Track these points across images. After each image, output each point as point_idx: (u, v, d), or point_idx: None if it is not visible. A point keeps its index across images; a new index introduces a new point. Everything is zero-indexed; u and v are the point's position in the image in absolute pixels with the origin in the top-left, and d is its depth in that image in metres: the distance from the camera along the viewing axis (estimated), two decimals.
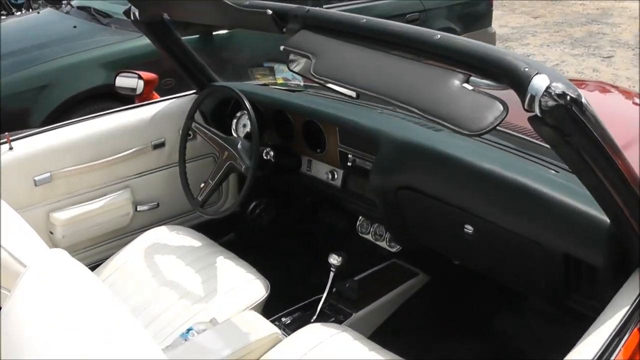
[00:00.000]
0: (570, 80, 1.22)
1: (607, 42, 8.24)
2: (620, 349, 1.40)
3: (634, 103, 3.15)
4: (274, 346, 1.91)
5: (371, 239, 2.78)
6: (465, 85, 1.30)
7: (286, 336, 1.98)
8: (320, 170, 2.70)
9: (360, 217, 2.80)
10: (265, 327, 1.98)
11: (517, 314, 2.68)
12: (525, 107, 1.19)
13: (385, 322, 2.59)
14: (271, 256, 2.95)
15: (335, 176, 2.62)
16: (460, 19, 6.14)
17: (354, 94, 1.56)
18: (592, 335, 1.44)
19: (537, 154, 2.07)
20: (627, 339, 1.42)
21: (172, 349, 1.93)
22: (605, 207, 1.54)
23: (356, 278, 2.64)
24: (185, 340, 1.98)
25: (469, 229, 2.03)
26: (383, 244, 2.73)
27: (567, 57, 7.71)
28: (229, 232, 3.10)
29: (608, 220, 1.62)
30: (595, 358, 1.36)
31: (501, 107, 1.24)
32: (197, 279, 2.25)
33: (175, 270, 2.30)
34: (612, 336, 1.41)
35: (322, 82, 1.55)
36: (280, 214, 3.25)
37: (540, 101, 1.17)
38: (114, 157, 2.63)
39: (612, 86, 3.88)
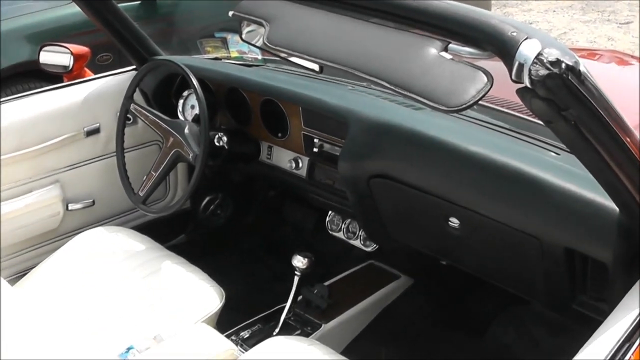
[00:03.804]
0: (581, 49, 1.21)
1: (625, 5, 8.18)
2: (630, 358, 1.40)
3: None
4: None
5: (343, 237, 2.76)
6: (443, 54, 1.28)
7: (243, 352, 1.97)
8: (283, 157, 2.67)
9: (330, 213, 2.78)
10: (219, 343, 1.97)
11: (515, 321, 2.69)
12: (513, 77, 1.17)
13: (360, 335, 2.59)
14: (227, 261, 2.93)
15: (300, 164, 2.60)
16: None
17: (316, 67, 1.55)
18: (596, 342, 1.43)
19: (533, 133, 2.07)
20: (638, 346, 1.43)
21: None
22: (612, 193, 1.53)
23: (326, 283, 2.63)
24: None
25: (454, 222, 2.03)
26: (357, 243, 2.72)
27: (576, 24, 7.66)
28: (178, 234, 3.08)
29: (617, 209, 1.62)
30: None
31: (485, 79, 1.23)
32: (139, 288, 2.23)
33: (114, 280, 2.27)
34: (619, 343, 1.41)
35: (277, 53, 1.53)
36: (237, 211, 3.23)
37: (530, 70, 1.15)
38: (40, 146, 2.59)
39: (631, 56, 3.86)
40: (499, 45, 1.19)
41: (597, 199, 1.70)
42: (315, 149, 2.51)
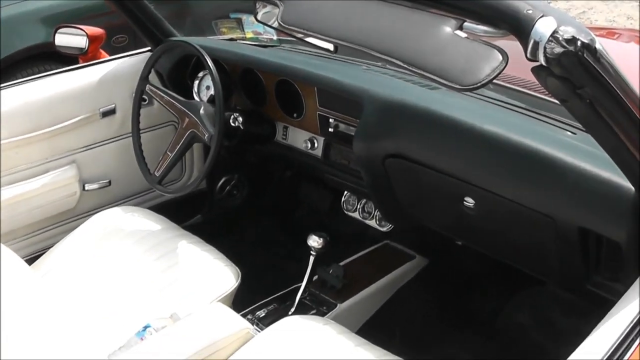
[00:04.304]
0: (599, 28, 1.21)
1: None
2: (638, 346, 1.38)
3: None
4: (244, 343, 1.91)
5: (359, 217, 2.77)
6: (458, 32, 1.28)
7: (259, 331, 1.98)
8: (298, 138, 2.68)
9: (346, 193, 2.79)
10: (235, 322, 1.97)
11: (530, 302, 2.69)
12: (528, 55, 1.17)
13: (375, 314, 2.60)
14: (243, 241, 2.94)
15: (316, 145, 2.61)
16: None
17: (331, 47, 1.55)
18: (607, 324, 1.43)
19: (549, 113, 2.06)
20: None
21: (126, 350, 1.92)
22: (627, 173, 1.53)
23: (342, 263, 2.64)
24: (142, 339, 1.97)
25: (469, 202, 2.03)
26: (372, 223, 2.72)
27: (595, 2, 7.56)
28: (194, 214, 3.09)
29: (632, 189, 1.62)
30: (606, 357, 1.34)
31: (500, 57, 1.23)
32: (156, 268, 2.24)
33: (131, 259, 2.28)
34: (631, 325, 1.40)
35: (292, 33, 1.53)
36: (253, 191, 3.24)
37: (545, 48, 1.15)
38: (56, 127, 2.60)
39: None
40: (514, 23, 1.19)
41: (613, 179, 1.69)
42: (330, 129, 2.52)
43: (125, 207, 2.56)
